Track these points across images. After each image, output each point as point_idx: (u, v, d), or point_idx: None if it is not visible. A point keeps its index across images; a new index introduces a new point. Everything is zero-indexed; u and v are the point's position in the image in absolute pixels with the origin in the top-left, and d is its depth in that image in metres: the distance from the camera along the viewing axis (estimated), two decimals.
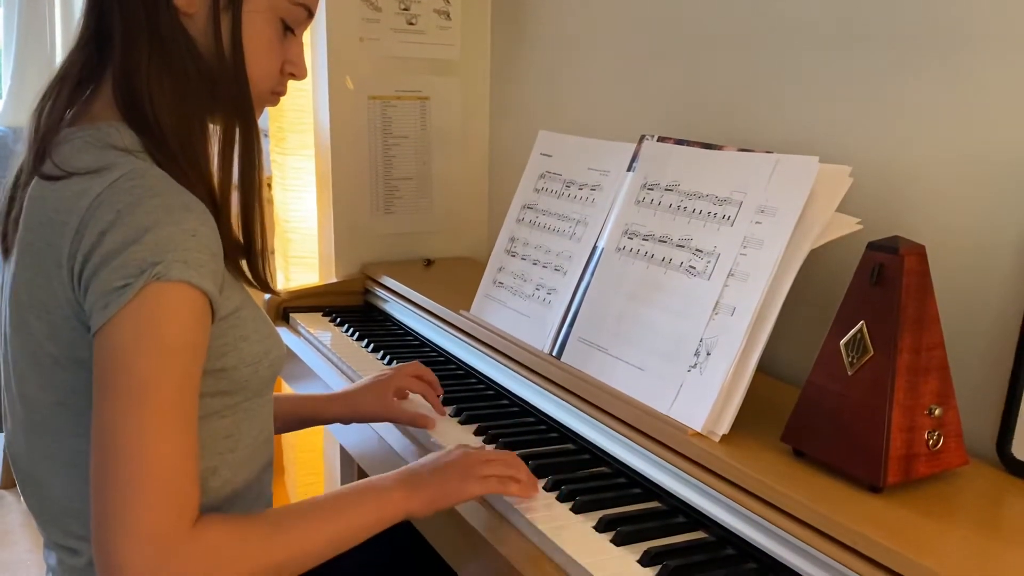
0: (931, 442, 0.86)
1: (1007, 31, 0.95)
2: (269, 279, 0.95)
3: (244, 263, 0.93)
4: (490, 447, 1.12)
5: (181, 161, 0.84)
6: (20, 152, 0.89)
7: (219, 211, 0.87)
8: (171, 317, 0.76)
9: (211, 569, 0.75)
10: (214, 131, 0.90)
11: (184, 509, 0.75)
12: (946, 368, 0.88)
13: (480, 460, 0.96)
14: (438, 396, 1.24)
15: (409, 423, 1.18)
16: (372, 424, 1.24)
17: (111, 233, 0.76)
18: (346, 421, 1.22)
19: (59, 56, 3.78)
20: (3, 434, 0.94)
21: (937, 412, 0.87)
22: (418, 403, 1.24)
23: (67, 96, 0.88)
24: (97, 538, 0.73)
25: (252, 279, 0.93)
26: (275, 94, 0.95)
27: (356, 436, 1.29)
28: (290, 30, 0.93)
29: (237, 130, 0.90)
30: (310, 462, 2.19)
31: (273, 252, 2.28)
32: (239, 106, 0.90)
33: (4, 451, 2.60)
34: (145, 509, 0.72)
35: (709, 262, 1.03)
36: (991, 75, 0.97)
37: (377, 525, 0.88)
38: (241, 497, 0.92)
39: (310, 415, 1.21)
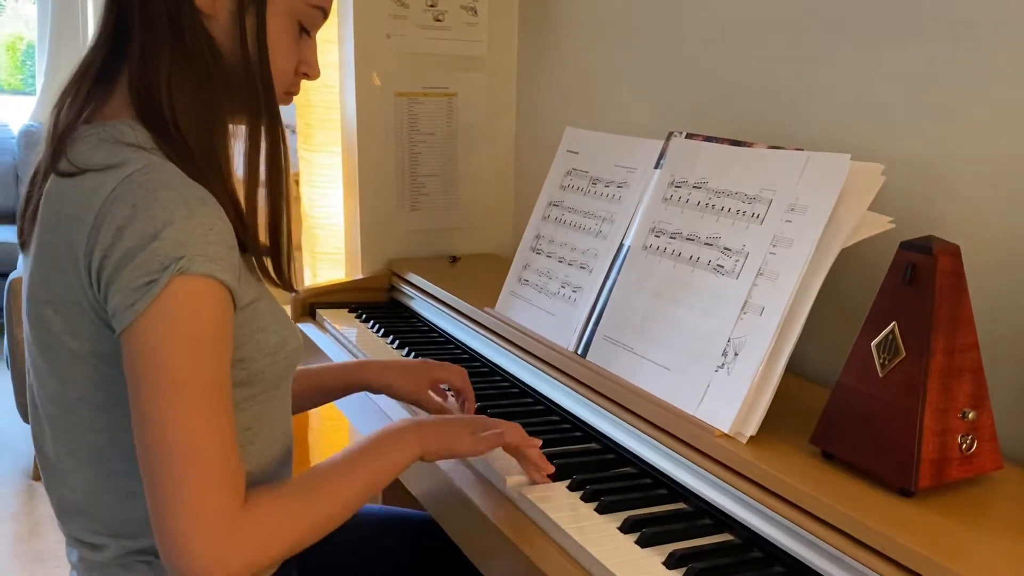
0: (964, 446, 0.85)
1: None
2: (293, 279, 0.95)
3: (269, 262, 0.93)
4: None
5: (200, 162, 0.84)
6: (40, 149, 0.90)
7: (240, 211, 0.88)
8: (199, 309, 0.77)
9: (268, 538, 0.79)
10: (234, 132, 0.91)
11: (237, 489, 0.78)
12: (980, 370, 0.86)
13: (489, 423, 1.01)
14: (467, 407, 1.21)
15: (435, 413, 1.17)
16: (387, 411, 1.24)
17: (129, 229, 0.77)
18: (374, 390, 1.20)
19: None
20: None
21: (971, 415, 0.85)
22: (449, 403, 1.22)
23: (86, 94, 0.88)
24: (161, 530, 0.76)
25: (276, 279, 0.94)
26: (288, 94, 0.95)
27: (376, 425, 1.29)
28: (305, 31, 0.94)
29: (263, 130, 0.90)
30: (336, 450, 2.20)
31: (300, 248, 2.29)
32: (265, 106, 0.90)
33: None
34: (204, 495, 0.75)
35: (738, 261, 1.02)
36: None
37: (397, 468, 0.93)
38: None
39: (343, 384, 1.19)
